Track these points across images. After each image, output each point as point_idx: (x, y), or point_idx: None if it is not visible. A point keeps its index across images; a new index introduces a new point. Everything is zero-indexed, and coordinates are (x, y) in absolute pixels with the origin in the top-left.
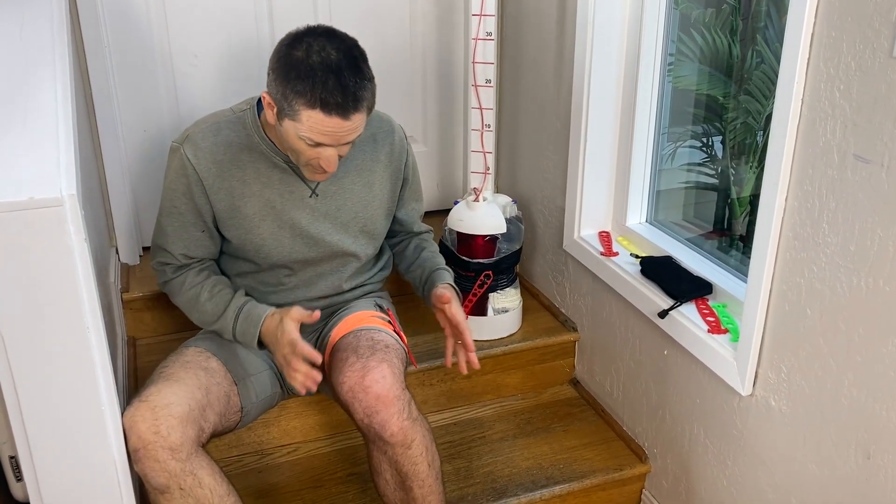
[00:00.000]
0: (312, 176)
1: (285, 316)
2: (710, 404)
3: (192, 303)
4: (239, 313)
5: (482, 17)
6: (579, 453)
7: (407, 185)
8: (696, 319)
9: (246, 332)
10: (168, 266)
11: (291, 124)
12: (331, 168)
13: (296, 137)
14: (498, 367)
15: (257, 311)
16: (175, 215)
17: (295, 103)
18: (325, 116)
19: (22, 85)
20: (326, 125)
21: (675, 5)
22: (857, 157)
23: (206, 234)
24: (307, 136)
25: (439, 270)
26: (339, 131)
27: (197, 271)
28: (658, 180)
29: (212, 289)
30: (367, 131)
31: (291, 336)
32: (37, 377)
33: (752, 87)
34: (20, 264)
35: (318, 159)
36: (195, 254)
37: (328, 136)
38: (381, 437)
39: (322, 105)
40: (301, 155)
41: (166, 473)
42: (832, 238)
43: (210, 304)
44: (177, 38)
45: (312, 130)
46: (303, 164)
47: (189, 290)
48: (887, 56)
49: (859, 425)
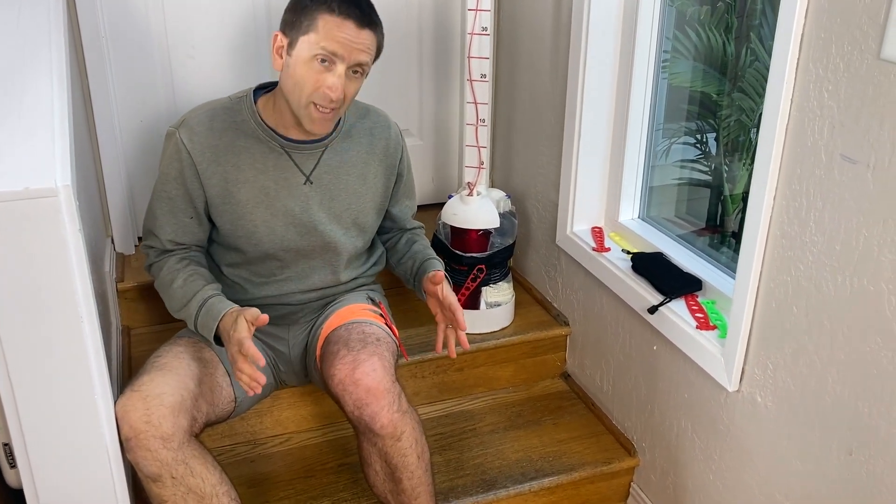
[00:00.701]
0: (312, 124)
1: (240, 315)
2: (698, 399)
3: (166, 288)
4: (202, 305)
5: (478, 12)
6: (569, 446)
7: (401, 181)
8: (685, 315)
9: (205, 326)
10: (153, 250)
11: (305, 41)
12: (336, 94)
13: (307, 60)
14: (490, 360)
15: (219, 306)
16: (166, 200)
17: (313, 11)
18: (341, 19)
19: (18, 75)
20: (342, 29)
21: (671, 2)
22: (843, 157)
23: (194, 220)
24: (321, 45)
25: (431, 260)
26: (353, 40)
27: (179, 258)
28: (651, 176)
29: (186, 277)
30: (364, 125)
31: (240, 335)
32: (31, 366)
33: (746, 85)
34: (14, 253)
35: (323, 88)
36: (182, 240)
37: (342, 42)
38: (371, 429)
39: (339, 8)
40: (307, 86)
41: (158, 462)
42: (819, 237)
43: (180, 292)
44: (174, 29)
45: (328, 36)
46: (305, 103)
47: (165, 276)
48: (874, 58)
49: (842, 422)
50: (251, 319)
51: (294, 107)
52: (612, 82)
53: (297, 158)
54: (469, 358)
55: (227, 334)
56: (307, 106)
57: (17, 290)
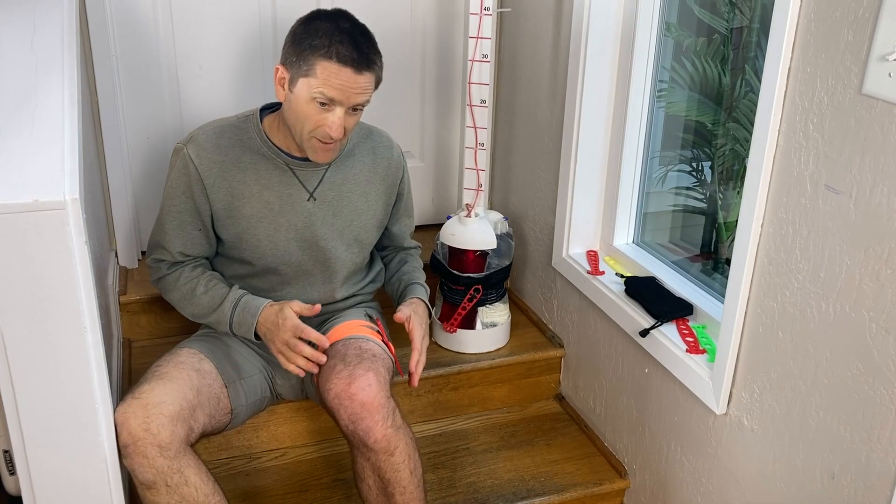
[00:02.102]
0: (316, 155)
1: (286, 305)
2: (687, 422)
3: (188, 296)
4: (237, 304)
5: (479, 40)
6: (561, 467)
7: (401, 200)
8: (675, 339)
9: (243, 323)
10: (163, 262)
11: (305, 83)
12: (337, 133)
13: (307, 100)
14: (485, 380)
15: (255, 302)
16: (175, 213)
17: (311, 57)
18: (339, 66)
19: (32, 92)
20: (339, 76)
21: (667, 33)
22: (828, 187)
23: (202, 232)
24: (319, 90)
25: (413, 284)
26: (351, 86)
27: (192, 267)
28: (647, 203)
29: (207, 283)
30: (367, 145)
31: (294, 322)
32: (34, 374)
33: (741, 115)
34: (22, 263)
35: (323, 127)
36: (192, 252)
37: (339, 89)
38: (365, 444)
39: (337, 56)
40: (307, 122)
41: (154, 470)
42: (804, 264)
43: (206, 297)
44: (183, 47)
45: (326, 83)
46: (307, 137)
47: (185, 285)
48: (857, 93)
49: (825, 446)
50: (300, 310)
51: (297, 138)
52: (608, 110)
53: (302, 176)
54: (464, 377)
55: (271, 325)
56: (310, 139)
57: (23, 299)
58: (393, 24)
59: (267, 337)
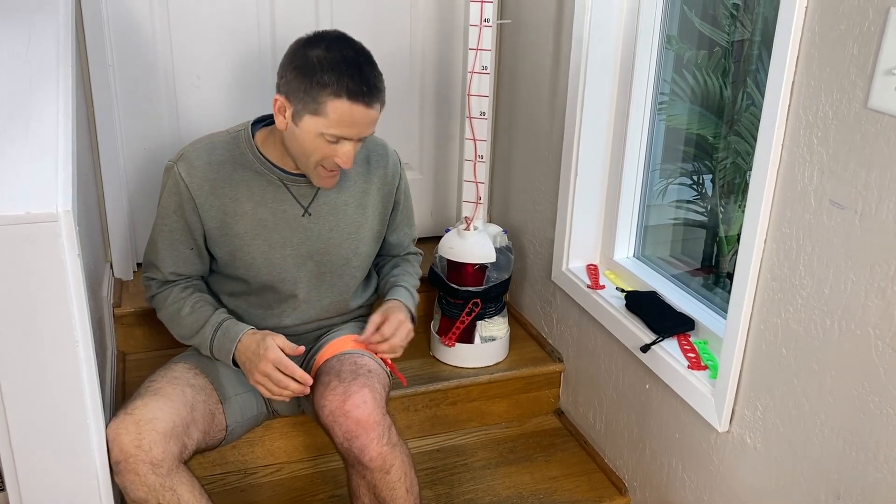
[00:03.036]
0: (320, 182)
1: (268, 335)
2: (689, 439)
3: (174, 317)
4: (218, 328)
5: (478, 52)
6: (560, 483)
7: (398, 209)
8: (677, 355)
9: (222, 348)
10: (154, 281)
11: (312, 121)
12: (347, 165)
13: (314, 135)
14: (483, 395)
15: (236, 328)
16: (166, 232)
17: (320, 95)
18: (352, 104)
19: (26, 102)
20: (352, 114)
21: (668, 46)
22: (832, 202)
23: (194, 251)
24: (330, 129)
25: (396, 287)
26: (363, 121)
27: (182, 287)
28: (648, 216)
29: (193, 304)
30: (361, 153)
31: (276, 354)
32: (24, 388)
33: (742, 128)
34: (13, 276)
35: (332, 157)
36: (184, 271)
37: (351, 126)
38: (361, 462)
39: (348, 93)
40: (314, 154)
41: (146, 487)
42: (808, 280)
43: (190, 318)
44: (181, 59)
45: (339, 122)
46: (313, 166)
47: (172, 305)
48: (862, 107)
49: (830, 466)
50: (283, 345)
51: (300, 166)
52: (608, 122)
53: (295, 191)
54: (462, 392)
55: (251, 353)
56: (316, 168)
57: (14, 312)
58: (392, 36)
59: (246, 366)
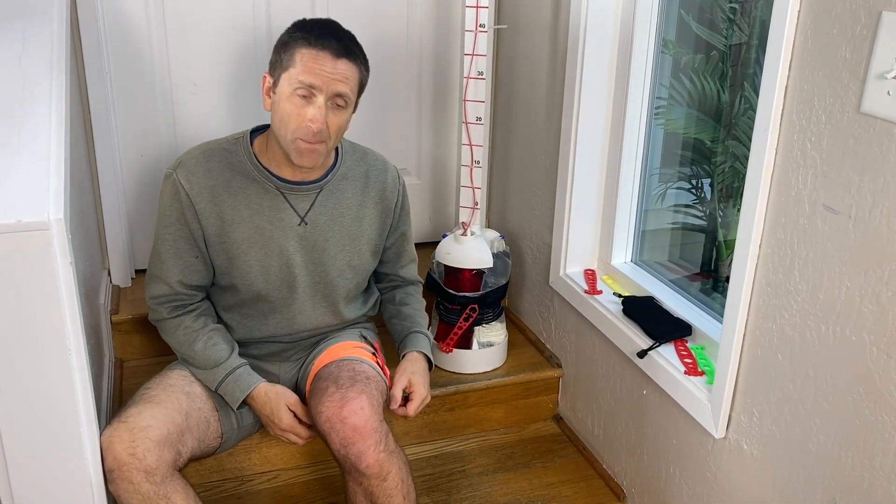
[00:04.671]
0: (300, 157)
1: (281, 400)
2: (686, 445)
3: (186, 346)
4: (230, 374)
5: (474, 57)
6: (558, 490)
7: (395, 227)
8: (673, 360)
9: (230, 394)
10: (164, 306)
11: (286, 77)
12: (317, 124)
13: (289, 94)
14: (481, 401)
15: (248, 379)
16: (170, 242)
17: (291, 48)
18: (317, 51)
19: (18, 109)
20: (317, 60)
21: (665, 50)
22: (826, 207)
23: (200, 259)
24: (298, 78)
25: (414, 334)
26: (329, 71)
27: (195, 316)
28: (646, 221)
29: (207, 340)
30: (360, 168)
31: (289, 420)
32: (17, 396)
33: (740, 132)
34: (5, 284)
35: (305, 122)
36: (191, 281)
37: (318, 74)
38: (357, 469)
39: (315, 40)
40: (290, 122)
41: (139, 496)
42: (803, 286)
43: (202, 356)
44: (177, 65)
45: (305, 68)
46: (291, 138)
47: (185, 335)
48: (855, 111)
49: (826, 472)
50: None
51: (282, 143)
52: (605, 127)
53: (293, 199)
54: (460, 398)
55: (265, 412)
56: (294, 141)
57: (6, 321)
58: (389, 40)
59: (261, 419)
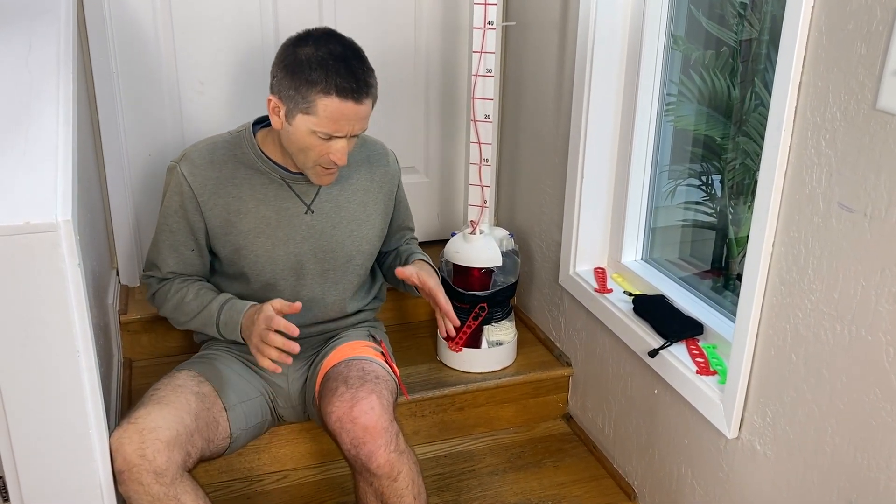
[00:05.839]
0: (319, 179)
1: (266, 303)
2: (698, 445)
3: (178, 305)
4: (224, 304)
5: (482, 55)
6: (568, 490)
7: (399, 206)
8: (685, 360)
9: (229, 322)
10: (154, 279)
11: (304, 119)
12: (342, 161)
13: (307, 133)
14: (491, 400)
15: (242, 303)
16: (168, 233)
17: (309, 93)
18: (341, 101)
19: (24, 109)
20: (342, 111)
21: (675, 47)
22: (841, 205)
23: (195, 252)
24: (321, 127)
25: (413, 254)
26: (353, 117)
27: (183, 279)
28: (656, 218)
29: (198, 290)
30: (361, 154)
31: (268, 312)
32: (26, 398)
33: (751, 129)
34: (13, 286)
35: (327, 155)
36: (184, 271)
37: (342, 123)
38: (368, 469)
39: (337, 90)
40: (311, 153)
41: (149, 497)
42: (817, 285)
43: (195, 302)
44: (184, 64)
45: (329, 119)
46: (311, 165)
47: (174, 295)
48: (871, 108)
49: (841, 473)
50: (280, 307)
51: (298, 164)
52: (615, 124)
53: (298, 189)
54: (470, 397)
55: (249, 323)
56: (314, 167)
57: (15, 323)
58: (397, 38)
59: (245, 335)
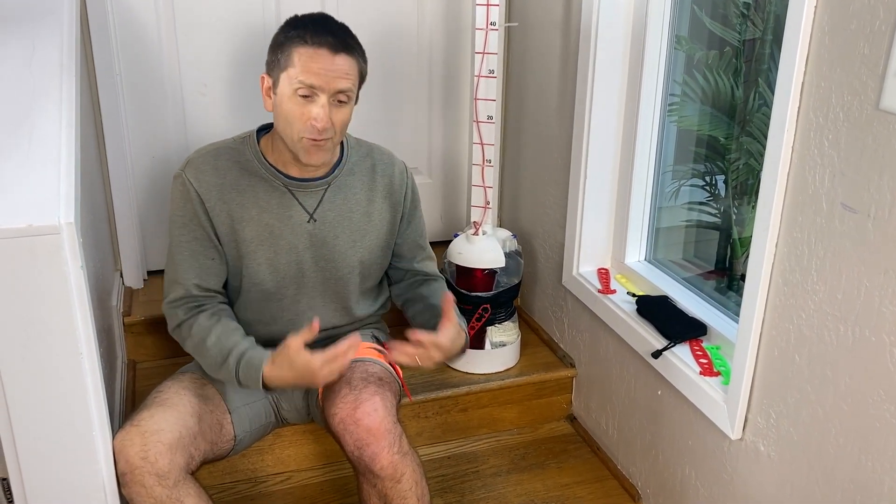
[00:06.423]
0: (308, 156)
1: (285, 349)
2: (702, 447)
3: (200, 347)
4: (240, 361)
5: (485, 56)
6: (572, 491)
7: (405, 220)
8: (689, 361)
9: (248, 378)
10: (180, 308)
11: (285, 77)
12: (322, 123)
13: (290, 95)
14: (494, 401)
15: (257, 355)
16: (184, 244)
17: (287, 48)
18: (314, 49)
19: (28, 113)
20: (315, 58)
21: (678, 46)
22: (844, 206)
23: (216, 261)
24: (299, 79)
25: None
26: (329, 69)
27: (209, 314)
28: (659, 218)
29: (220, 334)
30: (366, 163)
31: (305, 358)
32: (29, 401)
33: (754, 129)
34: (17, 289)
35: (310, 122)
36: (207, 283)
37: (318, 74)
38: (371, 470)
39: (312, 38)
40: (295, 123)
41: (152, 499)
42: (820, 286)
43: (215, 350)
44: (187, 67)
45: (304, 68)
46: (297, 138)
47: (197, 335)
48: (874, 108)
49: (845, 475)
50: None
51: (288, 143)
52: (618, 124)
53: (301, 196)
54: (473, 398)
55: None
56: (300, 140)
57: (18, 324)
58: (400, 39)
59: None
